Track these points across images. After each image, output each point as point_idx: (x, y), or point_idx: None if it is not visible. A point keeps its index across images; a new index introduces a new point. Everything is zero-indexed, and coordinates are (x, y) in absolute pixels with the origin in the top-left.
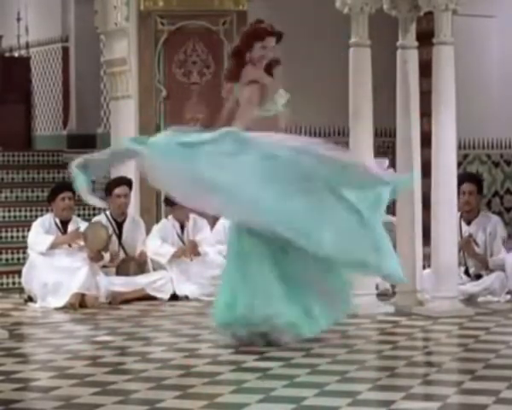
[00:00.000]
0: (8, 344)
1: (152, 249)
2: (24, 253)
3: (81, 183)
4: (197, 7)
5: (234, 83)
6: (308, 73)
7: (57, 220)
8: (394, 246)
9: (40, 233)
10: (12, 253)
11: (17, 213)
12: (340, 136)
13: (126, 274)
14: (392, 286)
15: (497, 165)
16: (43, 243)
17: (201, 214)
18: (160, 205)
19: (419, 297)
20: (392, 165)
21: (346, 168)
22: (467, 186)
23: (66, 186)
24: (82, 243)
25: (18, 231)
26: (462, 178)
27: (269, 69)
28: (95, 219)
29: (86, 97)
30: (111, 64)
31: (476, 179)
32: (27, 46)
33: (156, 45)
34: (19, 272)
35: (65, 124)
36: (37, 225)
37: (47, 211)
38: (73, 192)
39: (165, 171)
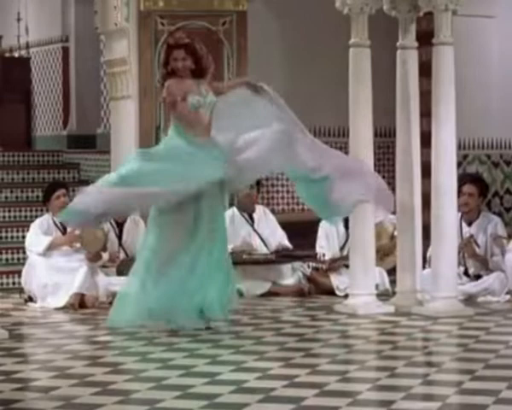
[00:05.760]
0: (8, 344)
1: None
2: (24, 253)
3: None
4: (197, 7)
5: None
6: (308, 73)
7: (56, 220)
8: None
9: (38, 234)
10: (12, 253)
11: (17, 214)
12: (340, 136)
13: (126, 274)
14: (392, 286)
15: (496, 165)
16: (40, 245)
17: None
18: None
19: (419, 297)
20: (392, 165)
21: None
22: (467, 187)
23: (59, 184)
24: (79, 244)
25: (18, 231)
26: (465, 179)
27: (198, 75)
28: None
29: (86, 97)
30: (111, 64)
31: (478, 182)
32: (27, 46)
33: (156, 45)
34: (19, 272)
35: (65, 124)
36: (35, 226)
37: (47, 211)
38: (67, 189)
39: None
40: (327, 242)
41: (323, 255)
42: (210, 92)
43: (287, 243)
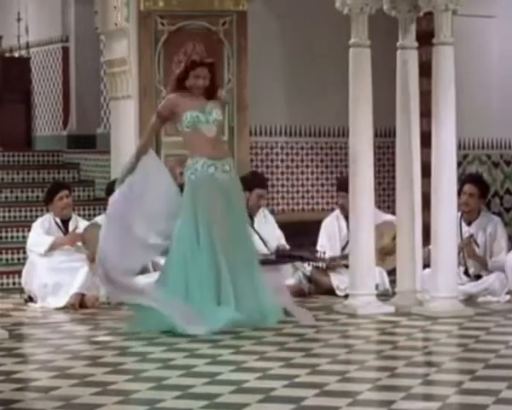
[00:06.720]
0: (8, 344)
1: None
2: (24, 253)
3: None
4: (197, 7)
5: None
6: (308, 73)
7: (57, 220)
8: None
9: (40, 234)
10: (12, 253)
11: (17, 214)
12: (340, 136)
13: None
14: (392, 286)
15: (496, 165)
16: (42, 245)
17: None
18: None
19: (419, 297)
20: (392, 165)
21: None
22: (468, 187)
23: (62, 185)
24: (81, 243)
25: (18, 231)
26: (466, 179)
27: (211, 94)
28: (94, 219)
29: (86, 97)
30: (111, 64)
31: (479, 182)
32: (27, 46)
33: (156, 45)
34: (19, 272)
35: (65, 124)
36: (36, 227)
37: (47, 211)
38: (70, 190)
39: None
40: (328, 241)
41: (324, 253)
42: (216, 110)
43: (284, 243)
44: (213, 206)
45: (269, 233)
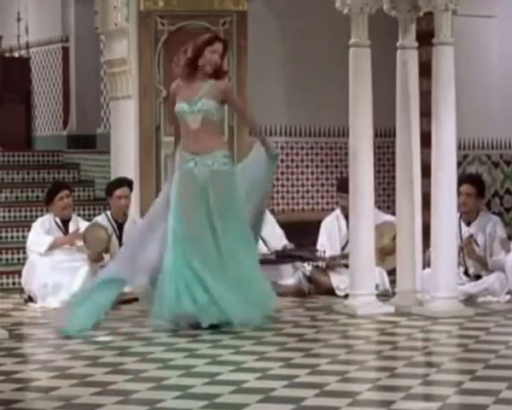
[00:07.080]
0: (8, 344)
1: None
2: (24, 253)
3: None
4: (197, 7)
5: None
6: (308, 72)
7: (58, 220)
8: None
9: (40, 234)
10: (12, 253)
11: (17, 214)
12: (340, 136)
13: None
14: (392, 286)
15: (496, 165)
16: (42, 245)
17: None
18: None
19: (419, 297)
20: (392, 165)
21: None
22: (465, 188)
23: (63, 185)
24: (81, 243)
25: (18, 231)
26: (463, 179)
27: (219, 73)
28: (95, 219)
29: (86, 97)
30: (111, 64)
31: (476, 182)
32: (27, 46)
33: (156, 45)
34: (19, 272)
35: (65, 124)
36: (36, 226)
37: (47, 211)
38: (70, 190)
39: None
40: (328, 241)
41: (324, 252)
42: (207, 98)
43: (287, 241)
44: (190, 207)
45: (269, 233)
